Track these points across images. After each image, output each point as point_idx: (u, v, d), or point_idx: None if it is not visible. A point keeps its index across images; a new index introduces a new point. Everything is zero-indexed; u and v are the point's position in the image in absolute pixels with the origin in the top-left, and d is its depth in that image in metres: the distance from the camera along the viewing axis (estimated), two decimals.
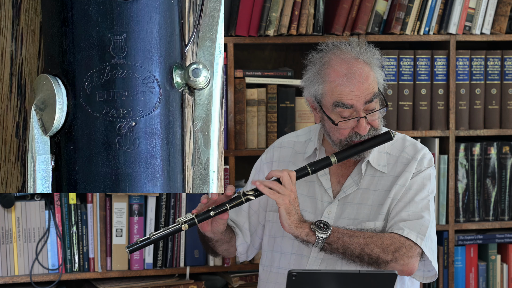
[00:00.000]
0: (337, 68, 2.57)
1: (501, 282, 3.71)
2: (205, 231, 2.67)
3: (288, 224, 2.54)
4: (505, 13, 3.61)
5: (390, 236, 2.57)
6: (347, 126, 2.58)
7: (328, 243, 2.55)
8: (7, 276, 3.33)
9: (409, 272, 2.58)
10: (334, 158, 2.60)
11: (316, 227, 2.55)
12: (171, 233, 2.55)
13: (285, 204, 2.53)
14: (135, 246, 2.55)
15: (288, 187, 2.55)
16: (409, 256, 2.57)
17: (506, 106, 3.66)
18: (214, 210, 2.55)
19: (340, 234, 2.56)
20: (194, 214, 2.57)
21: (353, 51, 2.59)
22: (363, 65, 2.57)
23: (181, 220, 2.56)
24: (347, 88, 2.55)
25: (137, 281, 3.44)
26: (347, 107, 2.56)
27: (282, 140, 2.85)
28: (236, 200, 2.56)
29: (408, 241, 2.57)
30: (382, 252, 2.55)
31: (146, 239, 2.55)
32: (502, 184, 3.67)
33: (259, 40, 3.48)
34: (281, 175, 2.56)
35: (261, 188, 2.54)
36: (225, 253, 2.82)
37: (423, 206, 2.63)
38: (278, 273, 2.71)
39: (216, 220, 2.62)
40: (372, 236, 2.56)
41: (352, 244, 2.55)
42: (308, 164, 2.61)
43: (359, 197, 2.67)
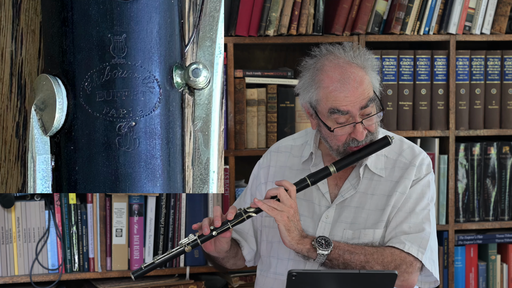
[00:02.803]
0: (331, 73, 2.54)
1: (501, 282, 3.70)
2: (209, 251, 2.66)
3: (288, 241, 2.54)
4: (505, 13, 3.60)
5: (391, 253, 2.56)
6: (344, 132, 2.56)
7: (329, 260, 2.54)
8: (7, 276, 3.33)
9: (409, 287, 2.59)
10: (333, 168, 2.59)
11: (317, 244, 2.54)
12: (174, 256, 2.57)
13: (283, 220, 2.53)
14: (140, 272, 2.57)
15: (286, 203, 2.54)
16: (409, 273, 2.57)
17: (506, 106, 3.65)
18: (216, 230, 2.56)
19: (341, 251, 2.55)
20: (197, 235, 2.57)
21: (346, 55, 2.57)
22: (357, 69, 2.55)
23: (183, 242, 2.57)
24: (342, 93, 2.53)
25: (137, 281, 3.44)
26: (343, 113, 2.54)
27: (279, 144, 2.84)
28: (238, 218, 2.56)
29: (409, 257, 2.57)
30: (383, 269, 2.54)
31: (151, 263, 2.57)
32: (502, 184, 3.67)
33: (259, 40, 3.48)
34: (277, 192, 2.55)
35: (259, 204, 2.54)
36: (234, 267, 2.82)
37: (423, 217, 2.62)
38: (275, 278, 2.70)
39: (219, 240, 2.61)
40: (373, 253, 2.55)
41: (353, 262, 2.54)
42: (307, 176, 2.60)
43: (356, 201, 2.66)
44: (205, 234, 2.55)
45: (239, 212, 2.56)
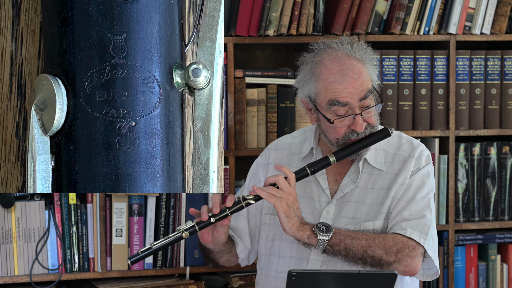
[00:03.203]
0: (330, 65, 2.56)
1: (501, 282, 3.70)
2: (206, 242, 2.65)
3: (288, 228, 2.53)
4: (505, 13, 3.61)
5: (392, 237, 2.56)
6: (343, 124, 2.57)
7: (330, 246, 2.54)
8: (7, 276, 3.33)
9: (412, 272, 2.58)
10: (333, 158, 2.60)
11: (317, 230, 2.54)
12: (172, 242, 2.54)
13: (283, 207, 2.52)
14: (136, 257, 2.54)
15: (286, 190, 2.53)
16: (412, 257, 2.56)
17: (506, 106, 3.65)
18: (215, 216, 2.55)
19: (342, 236, 2.55)
20: (195, 222, 2.56)
21: (344, 48, 2.59)
22: (355, 61, 2.56)
23: (181, 228, 2.55)
24: (341, 85, 2.54)
25: (137, 281, 3.44)
26: (342, 105, 2.55)
27: (277, 142, 2.84)
28: (236, 205, 2.56)
29: (411, 241, 2.56)
30: (385, 253, 2.54)
31: (148, 249, 2.54)
32: (502, 184, 3.67)
33: (259, 40, 3.48)
34: (276, 179, 2.55)
35: (258, 191, 2.53)
36: (227, 263, 2.80)
37: (424, 205, 2.63)
38: (276, 277, 2.70)
39: (217, 229, 2.61)
40: (375, 238, 2.55)
41: (355, 246, 2.54)
42: (307, 165, 2.60)
43: (357, 196, 2.67)
44: (203, 220, 2.54)
45: (238, 199, 2.56)
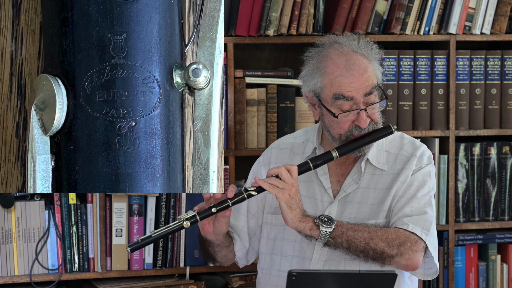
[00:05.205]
0: (336, 60, 2.57)
1: (501, 282, 3.70)
2: (206, 233, 2.65)
3: (290, 219, 2.53)
4: (505, 13, 3.61)
5: (395, 231, 2.56)
6: (347, 119, 2.58)
7: (332, 238, 2.54)
8: (7, 276, 3.33)
9: (414, 267, 2.57)
10: (336, 153, 2.60)
11: (320, 221, 2.54)
12: (173, 231, 2.54)
13: (285, 198, 2.52)
14: (136, 245, 2.54)
15: (288, 181, 2.54)
16: (414, 251, 2.56)
17: (506, 106, 3.65)
18: (216, 206, 2.55)
19: (345, 228, 2.55)
20: (196, 211, 2.56)
21: (351, 44, 2.60)
22: (361, 57, 2.58)
23: (182, 217, 2.54)
24: (347, 79, 2.55)
25: (137, 281, 3.44)
26: (347, 99, 2.56)
27: (279, 141, 2.84)
28: (238, 196, 2.56)
29: (413, 236, 2.56)
30: (387, 246, 2.54)
31: (147, 237, 2.54)
32: (502, 184, 3.67)
33: (259, 40, 3.48)
34: (278, 171, 2.55)
35: (260, 182, 2.54)
36: (224, 259, 2.80)
37: (425, 202, 2.63)
38: (278, 276, 2.70)
39: (218, 220, 2.61)
40: (377, 231, 2.55)
41: (357, 239, 2.54)
42: (309, 159, 2.60)
43: (359, 196, 2.67)
44: (205, 197, 2.56)
45: (240, 190, 2.56)
